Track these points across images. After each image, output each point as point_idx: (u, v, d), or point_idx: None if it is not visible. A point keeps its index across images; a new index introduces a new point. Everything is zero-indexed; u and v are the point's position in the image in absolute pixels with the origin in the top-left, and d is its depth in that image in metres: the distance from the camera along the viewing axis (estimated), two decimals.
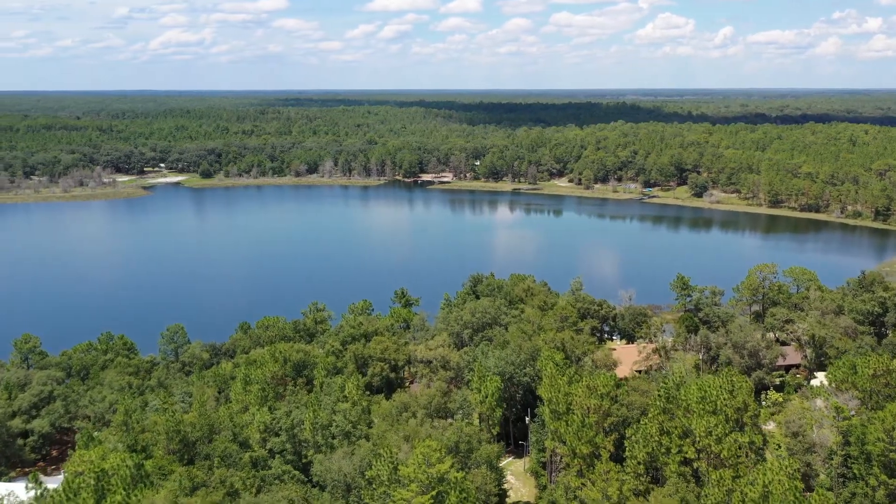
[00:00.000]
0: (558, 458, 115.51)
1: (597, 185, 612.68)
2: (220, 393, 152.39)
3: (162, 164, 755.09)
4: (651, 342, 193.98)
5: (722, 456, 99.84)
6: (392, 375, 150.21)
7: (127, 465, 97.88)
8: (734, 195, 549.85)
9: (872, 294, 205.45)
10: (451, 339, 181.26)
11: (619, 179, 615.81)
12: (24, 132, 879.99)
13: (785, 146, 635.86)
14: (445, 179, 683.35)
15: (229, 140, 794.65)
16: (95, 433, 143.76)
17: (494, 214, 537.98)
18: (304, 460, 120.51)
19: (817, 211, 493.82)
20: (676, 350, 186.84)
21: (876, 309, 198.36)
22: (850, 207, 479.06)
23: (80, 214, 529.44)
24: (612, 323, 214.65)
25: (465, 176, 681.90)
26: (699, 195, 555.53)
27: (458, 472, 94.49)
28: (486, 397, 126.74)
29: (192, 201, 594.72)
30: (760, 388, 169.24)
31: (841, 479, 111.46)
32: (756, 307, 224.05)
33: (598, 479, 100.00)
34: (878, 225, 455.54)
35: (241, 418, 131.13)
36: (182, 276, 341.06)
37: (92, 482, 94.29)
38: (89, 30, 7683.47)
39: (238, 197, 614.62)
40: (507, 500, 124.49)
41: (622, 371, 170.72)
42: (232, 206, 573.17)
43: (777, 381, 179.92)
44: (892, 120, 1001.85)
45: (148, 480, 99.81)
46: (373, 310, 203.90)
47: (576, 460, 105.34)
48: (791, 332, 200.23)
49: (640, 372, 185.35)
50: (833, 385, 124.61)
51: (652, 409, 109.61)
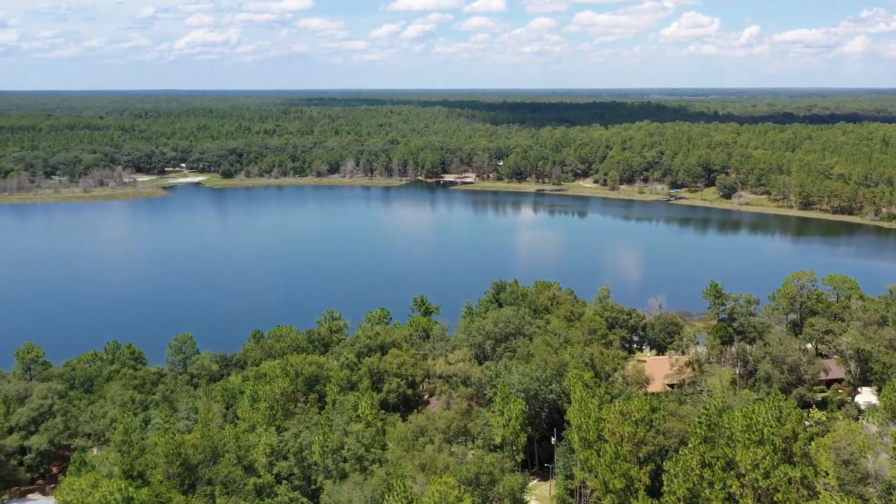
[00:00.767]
0: (588, 489, 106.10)
1: (622, 186, 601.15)
2: (227, 409, 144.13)
3: (183, 164, 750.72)
4: (683, 354, 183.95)
5: (770, 491, 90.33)
6: (409, 392, 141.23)
7: (117, 499, 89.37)
8: (764, 197, 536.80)
9: None
10: (471, 353, 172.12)
11: (646, 180, 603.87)
12: (47, 132, 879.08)
13: (816, 147, 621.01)
14: (468, 180, 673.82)
15: (251, 140, 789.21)
16: (94, 453, 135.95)
17: (518, 216, 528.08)
18: (312, 486, 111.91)
19: (850, 213, 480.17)
20: (711, 363, 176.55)
21: None
22: (884, 210, 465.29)
23: (98, 215, 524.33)
24: (641, 333, 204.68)
25: (489, 176, 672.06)
26: (728, 197, 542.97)
27: None
28: (510, 420, 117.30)
29: (212, 202, 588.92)
30: (802, 406, 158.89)
31: None
32: (793, 316, 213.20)
33: None
34: None
35: (247, 438, 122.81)
36: (197, 280, 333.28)
37: None
38: (116, 30, 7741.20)
39: (258, 197, 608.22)
40: None
41: (653, 385, 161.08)
42: (252, 207, 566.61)
43: (819, 396, 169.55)
44: None
45: None
46: (390, 318, 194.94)
47: (608, 496, 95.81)
48: (832, 344, 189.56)
49: (672, 386, 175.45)
50: (888, 411, 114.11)
51: (692, 439, 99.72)
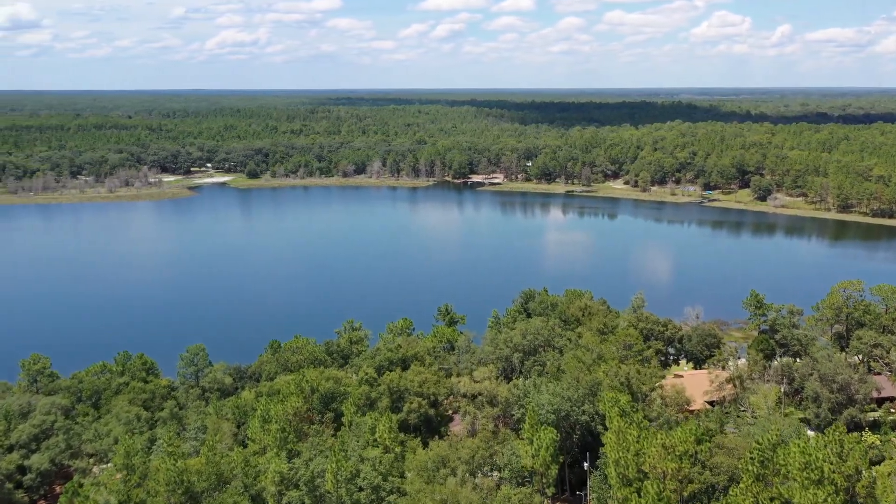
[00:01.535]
0: None
1: (654, 188, 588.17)
2: (239, 427, 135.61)
3: (209, 164, 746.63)
4: (723, 369, 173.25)
5: None
6: (431, 412, 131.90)
7: None
8: (800, 199, 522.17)
9: None
10: (498, 367, 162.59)
11: (678, 182, 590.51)
12: (75, 131, 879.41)
13: (853, 147, 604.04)
14: (496, 181, 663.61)
15: (277, 140, 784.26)
16: (93, 475, 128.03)
17: (547, 218, 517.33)
18: None
19: (891, 216, 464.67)
20: (753, 379, 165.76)
21: None
22: None
23: (121, 216, 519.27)
24: (678, 345, 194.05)
25: (517, 177, 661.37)
26: (763, 199, 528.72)
27: None
28: (540, 450, 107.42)
29: (237, 203, 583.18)
30: (853, 429, 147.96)
31: None
32: (838, 328, 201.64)
33: None
34: None
35: (256, 462, 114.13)
36: (217, 284, 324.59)
37: None
38: (147, 30, 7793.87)
39: (284, 198, 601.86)
40: None
41: (692, 402, 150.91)
42: (277, 208, 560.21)
43: (870, 417, 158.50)
44: None
45: None
46: (413, 329, 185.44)
47: None
48: (882, 360, 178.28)
49: (712, 403, 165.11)
50: None
51: (744, 476, 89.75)
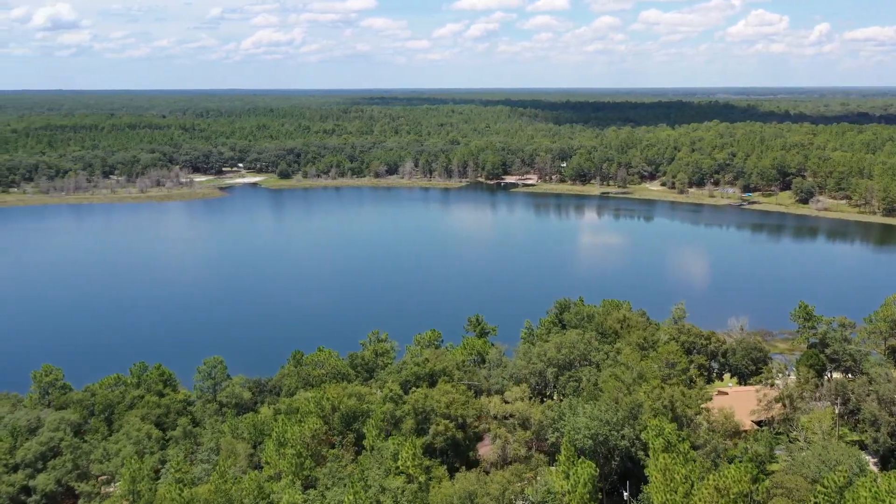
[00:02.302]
0: None
1: (691, 190, 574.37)
2: (255, 447, 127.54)
3: (240, 164, 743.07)
4: (772, 386, 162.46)
5: None
6: (459, 435, 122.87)
7: None
8: (844, 202, 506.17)
9: None
10: (531, 383, 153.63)
11: (716, 183, 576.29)
12: (109, 131, 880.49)
13: None
14: (530, 181, 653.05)
15: (310, 139, 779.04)
16: (102, 497, 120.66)
17: (582, 221, 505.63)
18: None
19: None
20: (804, 398, 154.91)
21: None
22: None
23: (150, 216, 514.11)
24: (721, 359, 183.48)
25: (551, 178, 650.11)
26: (805, 201, 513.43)
27: None
28: (577, 486, 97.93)
29: (268, 203, 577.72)
30: None
31: None
32: (893, 341, 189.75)
33: None
34: None
35: (270, 488, 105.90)
36: (242, 289, 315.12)
37: None
38: (184, 30, 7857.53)
39: (315, 199, 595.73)
40: None
41: (736, 417, 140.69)
42: (308, 209, 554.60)
43: None
44: None
45: None
46: (442, 341, 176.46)
47: None
48: None
49: (759, 424, 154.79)
50: None
51: None
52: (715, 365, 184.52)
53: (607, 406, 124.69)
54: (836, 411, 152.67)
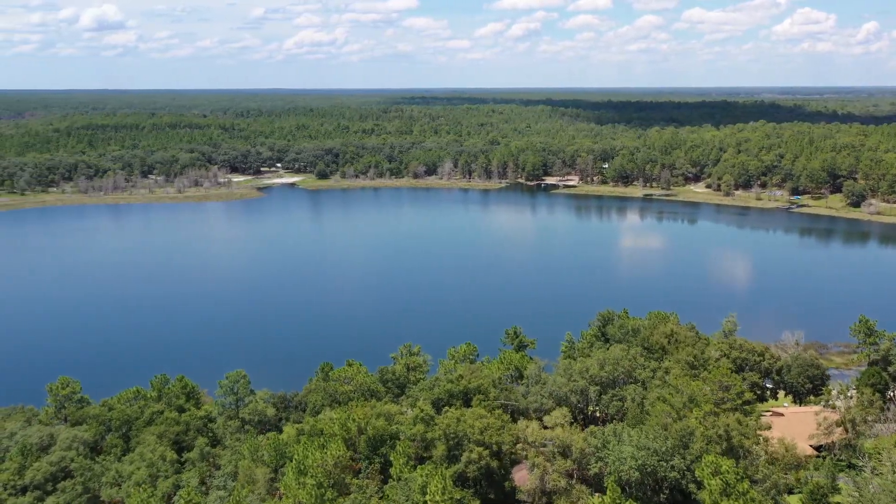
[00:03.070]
0: None
1: (738, 192, 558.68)
2: (276, 472, 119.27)
3: (279, 164, 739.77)
4: (833, 409, 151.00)
5: None
6: (494, 464, 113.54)
7: None
8: None
9: None
10: (573, 401, 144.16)
11: (764, 186, 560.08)
12: (149, 130, 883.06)
13: None
14: (571, 183, 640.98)
15: (348, 139, 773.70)
16: None
17: (624, 224, 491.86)
18: None
19: None
20: (867, 422, 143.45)
21: None
22: None
23: (185, 217, 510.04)
24: (776, 377, 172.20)
25: (592, 179, 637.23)
26: (856, 205, 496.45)
27: None
28: None
29: (305, 205, 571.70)
30: None
31: None
32: None
33: None
34: None
35: None
36: (272, 295, 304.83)
37: None
38: (227, 30, 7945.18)
39: (353, 200, 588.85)
40: None
41: (793, 442, 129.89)
42: (345, 211, 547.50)
43: None
44: None
45: None
46: (477, 355, 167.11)
47: None
48: None
49: (818, 449, 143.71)
50: None
51: None
52: (769, 383, 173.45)
53: (655, 433, 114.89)
54: None
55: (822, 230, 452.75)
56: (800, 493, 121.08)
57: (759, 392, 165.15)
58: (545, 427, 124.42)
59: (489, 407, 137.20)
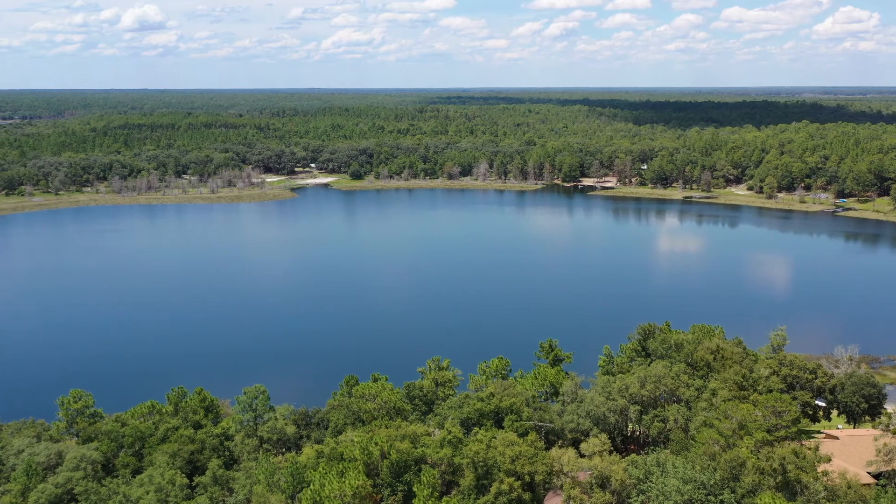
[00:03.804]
0: None
1: (781, 195, 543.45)
2: (292, 499, 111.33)
3: (313, 164, 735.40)
4: (894, 434, 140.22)
5: None
6: (526, 496, 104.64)
7: None
8: None
9: None
10: (612, 421, 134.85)
11: (808, 188, 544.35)
12: (185, 130, 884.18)
13: None
14: (608, 184, 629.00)
15: (383, 139, 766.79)
16: None
17: (664, 228, 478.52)
18: None
19: None
20: None
21: None
22: None
23: (217, 218, 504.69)
24: (829, 395, 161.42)
25: (630, 181, 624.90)
26: None
27: None
28: None
29: (338, 206, 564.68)
30: None
31: None
32: None
33: None
34: None
35: None
36: (299, 301, 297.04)
37: None
38: (266, 30, 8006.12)
39: (387, 201, 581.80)
40: None
41: (850, 470, 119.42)
42: (378, 212, 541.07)
43: None
44: None
45: None
46: (510, 370, 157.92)
47: None
48: None
49: (877, 477, 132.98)
50: None
51: None
52: (821, 401, 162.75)
53: (702, 464, 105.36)
54: None
55: (869, 235, 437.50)
56: None
57: (810, 412, 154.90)
58: (582, 455, 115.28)
59: (522, 428, 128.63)
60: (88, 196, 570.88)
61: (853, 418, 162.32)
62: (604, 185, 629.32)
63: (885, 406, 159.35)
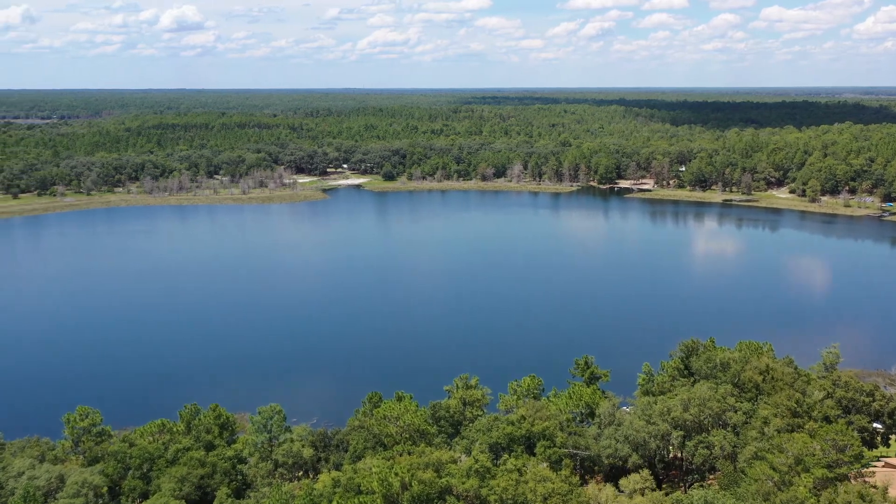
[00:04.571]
0: None
1: (824, 198, 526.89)
2: None
3: (345, 165, 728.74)
4: None
5: None
6: None
7: None
8: None
9: None
10: (653, 447, 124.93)
11: (853, 191, 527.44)
12: (218, 130, 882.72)
13: None
14: (645, 187, 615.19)
15: (416, 140, 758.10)
16: None
17: (703, 232, 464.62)
18: None
19: None
20: None
21: None
22: None
23: (247, 220, 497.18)
24: (888, 420, 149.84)
25: (668, 183, 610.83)
26: None
27: None
28: None
29: (370, 208, 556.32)
30: None
31: None
32: None
33: None
34: None
35: None
36: (324, 307, 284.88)
37: None
38: (302, 30, 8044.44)
39: (419, 203, 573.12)
40: None
41: None
42: (410, 214, 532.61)
43: None
44: None
45: None
46: (543, 390, 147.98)
47: None
48: None
49: None
50: None
51: None
52: (879, 425, 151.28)
53: None
54: None
55: None
56: None
57: (867, 437, 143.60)
58: (621, 491, 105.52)
59: (555, 455, 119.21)
60: (119, 196, 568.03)
61: None
62: (640, 187, 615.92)
63: None
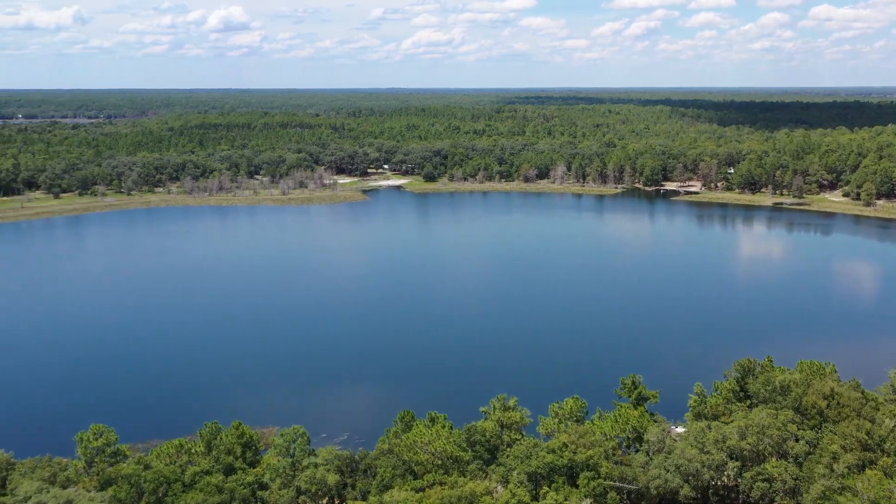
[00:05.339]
0: None
1: (880, 202, 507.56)
2: None
3: (386, 166, 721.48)
4: None
5: None
6: None
7: None
8: None
9: None
10: (706, 478, 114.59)
11: None
12: (260, 130, 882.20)
13: None
14: (692, 189, 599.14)
15: (458, 140, 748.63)
16: None
17: (754, 238, 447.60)
18: None
19: None
20: None
21: None
22: None
23: (285, 221, 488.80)
24: None
25: (716, 186, 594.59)
26: None
27: None
28: None
29: (410, 210, 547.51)
30: None
31: None
32: None
33: None
34: None
35: None
36: (358, 319, 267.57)
37: None
38: (347, 31, 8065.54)
39: (460, 204, 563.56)
40: None
41: None
42: (452, 216, 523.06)
43: None
44: None
45: None
46: (587, 413, 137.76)
47: None
48: None
49: None
50: None
51: None
52: None
53: None
54: None
55: None
56: None
57: None
58: None
59: (599, 488, 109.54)
60: (159, 196, 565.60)
61: None
62: (687, 189, 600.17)
63: None
